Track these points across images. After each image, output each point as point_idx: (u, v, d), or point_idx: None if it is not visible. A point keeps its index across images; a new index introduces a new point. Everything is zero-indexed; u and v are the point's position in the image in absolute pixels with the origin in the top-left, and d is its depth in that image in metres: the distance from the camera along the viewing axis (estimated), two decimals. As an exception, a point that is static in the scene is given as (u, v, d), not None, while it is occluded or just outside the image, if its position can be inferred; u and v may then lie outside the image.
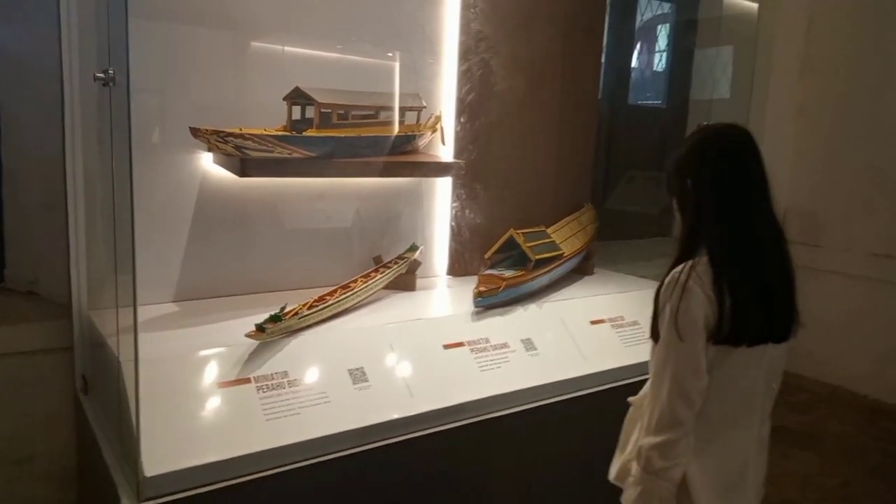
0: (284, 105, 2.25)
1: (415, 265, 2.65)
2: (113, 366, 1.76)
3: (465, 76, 2.75)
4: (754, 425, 1.55)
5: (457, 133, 2.80)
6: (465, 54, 2.74)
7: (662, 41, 5.06)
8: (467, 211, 2.83)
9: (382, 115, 2.45)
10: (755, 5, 3.44)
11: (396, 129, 2.50)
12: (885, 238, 4.32)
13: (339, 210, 2.61)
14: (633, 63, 4.90)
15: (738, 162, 1.48)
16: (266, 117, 2.26)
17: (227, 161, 2.16)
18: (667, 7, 5.04)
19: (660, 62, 5.07)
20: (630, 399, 1.69)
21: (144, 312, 1.85)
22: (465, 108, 2.79)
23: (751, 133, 1.52)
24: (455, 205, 2.85)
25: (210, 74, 2.25)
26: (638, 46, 4.95)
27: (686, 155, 1.53)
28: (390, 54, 2.56)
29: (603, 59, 3.37)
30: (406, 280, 2.62)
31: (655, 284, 1.55)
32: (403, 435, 1.93)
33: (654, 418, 1.45)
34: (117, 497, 1.57)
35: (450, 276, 2.95)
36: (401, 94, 2.54)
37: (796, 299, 1.52)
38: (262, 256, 2.45)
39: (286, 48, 2.34)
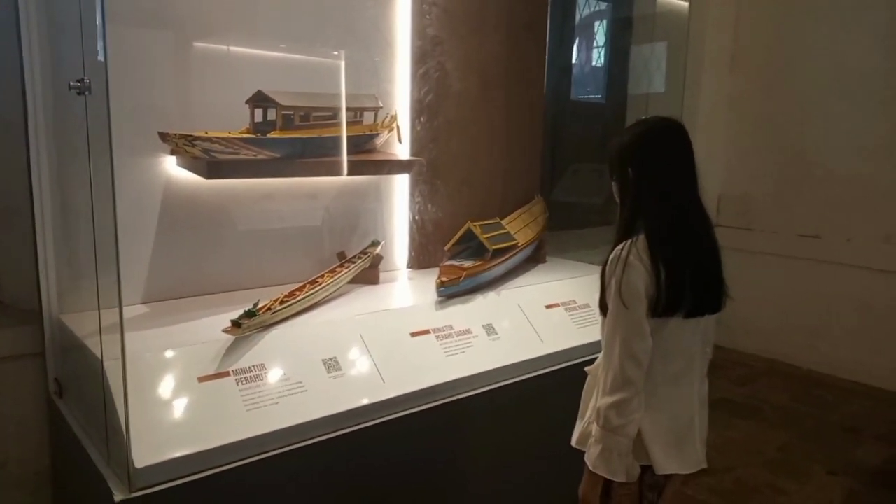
0: (237, 107, 2.31)
1: (377, 259, 2.76)
2: (94, 366, 1.81)
3: (423, 78, 2.87)
4: (695, 382, 1.73)
5: (417, 132, 2.92)
6: (422, 58, 2.86)
7: (601, 38, 5.28)
8: (429, 205, 2.96)
9: (342, 116, 2.55)
10: (686, 4, 3.65)
11: (356, 129, 2.60)
12: (810, 220, 4.65)
13: (301, 208, 2.68)
14: (574, 60, 5.10)
15: (674, 152, 1.66)
16: (225, 119, 2.32)
17: (193, 163, 2.22)
18: (604, 4, 5.26)
19: (599, 58, 5.28)
20: (586, 369, 1.84)
21: (115, 314, 1.90)
22: (425, 109, 2.91)
23: (684, 126, 1.69)
24: (418, 200, 2.97)
25: (168, 79, 2.29)
26: (578, 43, 5.14)
27: (628, 146, 1.69)
28: (335, 53, 2.63)
29: (547, 56, 3.53)
30: (369, 274, 2.73)
31: (602, 270, 1.71)
32: (377, 419, 2.04)
33: (609, 381, 1.60)
34: (108, 490, 1.63)
35: (410, 269, 3.07)
36: (358, 95, 2.64)
37: (723, 275, 1.70)
38: (228, 256, 2.51)
39: (251, 51, 2.40)
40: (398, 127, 2.82)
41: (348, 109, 2.56)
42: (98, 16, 1.47)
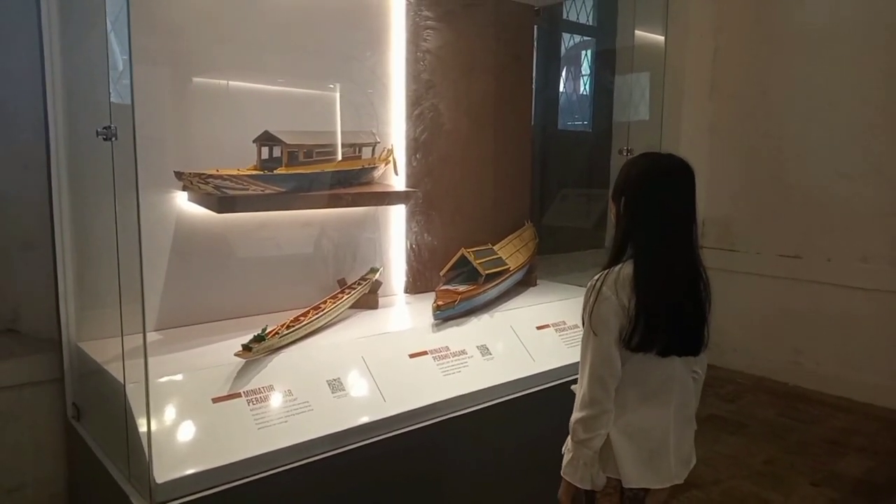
0: (239, 142, 2.48)
1: (376, 285, 2.90)
2: (115, 389, 1.94)
3: (418, 119, 3.07)
4: (671, 403, 1.76)
5: (413, 167, 3.11)
6: (417, 100, 3.07)
7: (586, 69, 5.49)
8: (425, 234, 3.14)
9: (343, 151, 2.71)
10: (662, 38, 3.86)
11: (356, 163, 2.77)
12: (790, 241, 4.82)
13: (303, 238, 2.83)
14: (561, 91, 5.30)
15: (673, 195, 1.69)
16: (229, 154, 2.48)
17: (205, 199, 2.37)
18: (588, 37, 5.48)
19: (584, 89, 5.49)
20: (573, 387, 1.96)
21: (132, 341, 2.02)
22: (420, 146, 3.11)
23: (692, 170, 1.71)
24: (415, 229, 3.15)
25: (175, 118, 2.45)
26: (564, 75, 5.35)
27: (631, 178, 1.71)
28: (331, 85, 2.82)
29: (533, 90, 3.72)
30: (369, 299, 2.87)
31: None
32: (379, 435, 2.17)
33: (579, 398, 1.74)
34: (130, 504, 1.76)
35: (407, 294, 3.22)
36: (357, 132, 2.81)
37: (706, 326, 1.72)
38: (236, 284, 2.65)
39: (253, 86, 2.58)
40: (395, 160, 2.99)
41: (348, 145, 2.73)
42: (127, 62, 1.62)
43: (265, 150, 2.48)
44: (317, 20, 2.74)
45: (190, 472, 1.80)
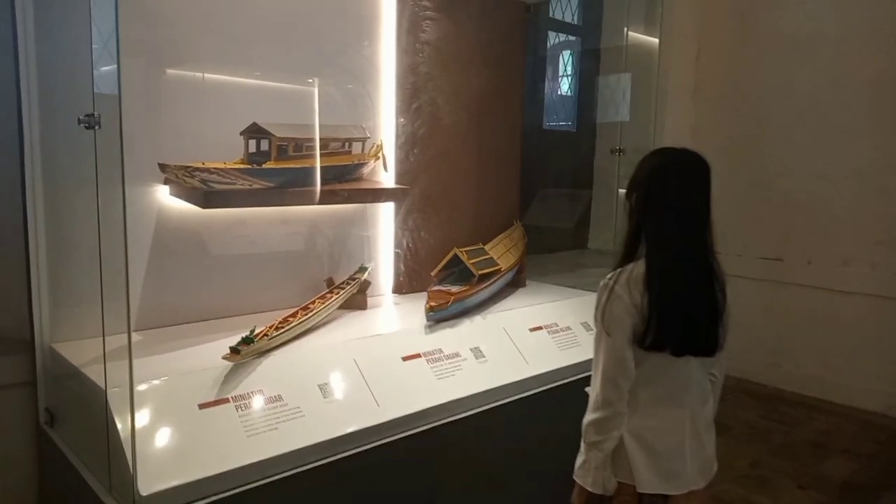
0: (222, 136, 2.37)
1: (365, 285, 2.81)
2: (94, 394, 1.83)
3: (416, 112, 2.98)
4: (688, 406, 1.72)
5: (410, 163, 3.02)
6: (415, 93, 2.98)
7: (570, 68, 5.46)
8: (421, 233, 3.04)
9: (332, 146, 2.62)
10: (655, 39, 3.84)
11: (346, 158, 2.67)
12: (771, 243, 4.85)
13: (288, 236, 2.73)
14: (546, 90, 5.26)
15: (682, 190, 1.66)
16: (213, 147, 2.37)
17: (189, 193, 2.25)
18: (572, 37, 5.45)
19: (568, 89, 5.45)
20: (586, 389, 1.87)
21: (111, 342, 1.91)
22: (418, 141, 3.02)
23: (705, 164, 1.67)
24: (410, 227, 3.06)
25: (157, 109, 2.34)
26: (549, 74, 5.31)
27: (640, 174, 1.69)
28: (310, 80, 2.71)
29: (524, 88, 3.66)
30: (357, 299, 2.77)
31: (581, 293, 1.75)
32: (374, 442, 2.08)
33: (591, 400, 1.69)
34: (112, 519, 1.65)
35: (395, 294, 3.13)
36: (347, 127, 2.72)
37: (719, 328, 1.68)
38: (219, 283, 2.54)
39: (238, 80, 2.47)
40: (384, 156, 2.90)
41: (338, 140, 2.63)
42: (106, 50, 1.51)
43: (252, 144, 2.37)
44: (306, 11, 2.64)
45: (176, 483, 1.69)
